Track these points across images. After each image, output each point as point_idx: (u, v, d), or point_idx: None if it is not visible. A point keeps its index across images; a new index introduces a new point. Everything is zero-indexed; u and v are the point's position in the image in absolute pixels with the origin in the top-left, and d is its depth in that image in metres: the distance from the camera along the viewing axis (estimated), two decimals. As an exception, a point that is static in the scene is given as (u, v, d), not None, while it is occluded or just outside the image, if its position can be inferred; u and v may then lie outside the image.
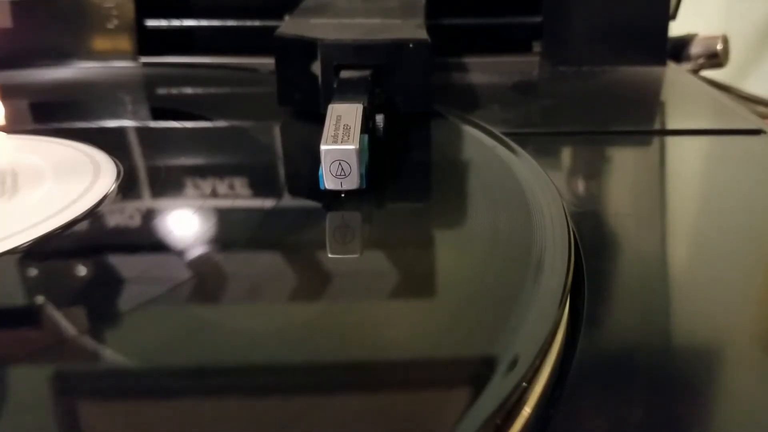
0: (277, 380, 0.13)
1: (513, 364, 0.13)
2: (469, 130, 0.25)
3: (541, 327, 0.13)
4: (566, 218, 0.18)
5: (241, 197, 0.20)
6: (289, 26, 0.28)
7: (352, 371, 0.13)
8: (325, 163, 0.19)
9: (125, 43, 0.39)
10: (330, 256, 0.17)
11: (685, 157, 0.26)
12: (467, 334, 0.14)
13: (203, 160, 0.24)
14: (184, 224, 0.19)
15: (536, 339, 0.13)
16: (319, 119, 0.21)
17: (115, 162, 0.23)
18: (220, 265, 0.17)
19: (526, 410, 0.12)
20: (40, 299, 0.16)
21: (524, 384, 0.12)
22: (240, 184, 0.21)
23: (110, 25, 0.39)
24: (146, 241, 0.18)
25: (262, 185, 0.21)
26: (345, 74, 0.25)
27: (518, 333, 0.13)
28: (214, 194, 0.20)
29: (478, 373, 0.13)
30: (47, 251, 0.17)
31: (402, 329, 0.14)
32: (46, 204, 0.20)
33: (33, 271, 0.17)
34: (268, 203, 0.20)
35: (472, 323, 0.14)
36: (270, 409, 0.12)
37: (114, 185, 0.21)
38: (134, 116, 0.30)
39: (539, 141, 0.27)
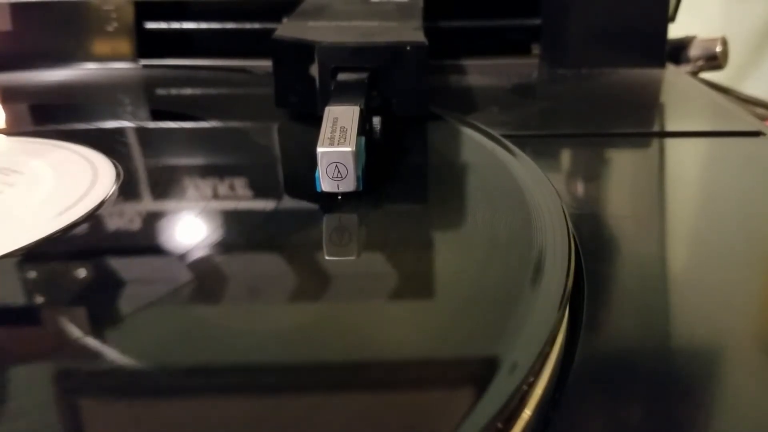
0: (276, 382, 0.13)
1: (513, 366, 0.12)
2: (468, 132, 0.25)
3: (542, 329, 0.13)
4: (566, 220, 0.18)
5: (239, 199, 0.20)
6: (286, 29, 0.28)
7: (352, 374, 0.13)
8: (322, 165, 0.19)
9: (125, 45, 0.39)
10: (327, 258, 0.17)
11: (685, 159, 0.26)
12: (467, 336, 0.14)
13: (201, 163, 0.24)
14: (183, 227, 0.19)
15: (536, 341, 0.13)
16: (317, 121, 0.21)
17: (114, 164, 0.23)
18: (218, 267, 0.17)
19: (527, 413, 0.12)
20: (40, 302, 0.15)
21: (525, 387, 0.12)
22: (238, 187, 0.21)
23: (110, 28, 0.39)
24: (145, 243, 0.18)
25: (259, 187, 0.21)
26: (342, 76, 0.25)
27: (518, 335, 0.13)
28: (212, 197, 0.20)
29: (478, 376, 0.13)
30: (47, 254, 0.17)
31: (401, 332, 0.14)
32: (46, 206, 0.19)
33: (33, 274, 0.17)
34: (265, 205, 0.20)
35: (472, 326, 0.14)
36: (268, 411, 0.12)
37: (114, 188, 0.21)
38: (134, 118, 0.30)
39: (538, 143, 0.27)
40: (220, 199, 0.20)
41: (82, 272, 0.17)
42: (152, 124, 0.29)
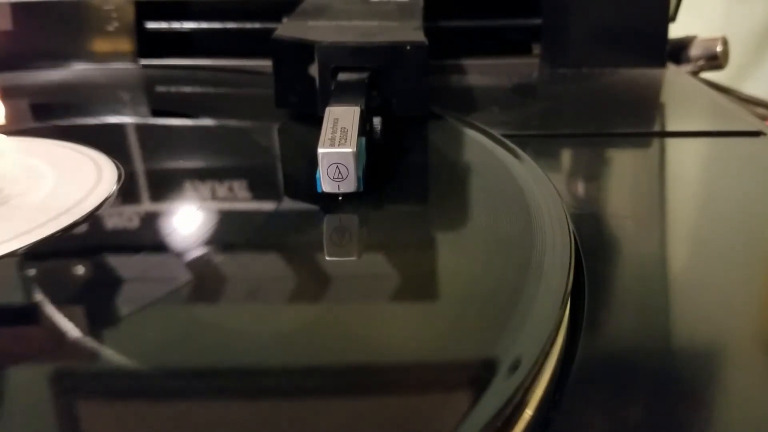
0: (275, 384, 0.13)
1: (515, 366, 0.12)
2: (469, 133, 0.25)
3: (542, 329, 0.13)
4: (567, 220, 0.18)
5: (240, 200, 0.20)
6: (286, 28, 0.28)
7: (353, 374, 0.13)
8: (323, 165, 0.19)
9: (125, 45, 0.39)
10: (327, 258, 0.17)
11: (685, 159, 0.26)
12: (468, 336, 0.14)
13: (202, 163, 0.24)
14: (184, 227, 0.19)
15: (537, 341, 0.13)
16: (317, 121, 0.21)
17: (116, 164, 0.23)
18: (218, 267, 0.17)
19: (528, 412, 0.12)
20: (40, 302, 0.15)
21: (525, 387, 0.12)
22: (238, 187, 0.21)
23: (110, 28, 0.39)
24: (146, 243, 0.18)
25: (260, 188, 0.21)
26: (342, 77, 0.25)
27: (519, 335, 0.13)
28: (213, 197, 0.20)
29: (479, 375, 0.13)
30: (49, 254, 0.17)
31: (402, 332, 0.14)
32: (48, 206, 0.19)
33: (34, 274, 0.17)
34: (266, 206, 0.20)
35: (473, 325, 0.14)
36: (266, 413, 0.12)
37: (115, 188, 0.21)
38: (134, 118, 0.30)
39: (539, 143, 0.27)
40: (221, 200, 0.20)
41: (83, 272, 0.17)
42: (153, 125, 0.29)
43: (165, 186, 0.22)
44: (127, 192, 0.21)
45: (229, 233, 0.18)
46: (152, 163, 0.24)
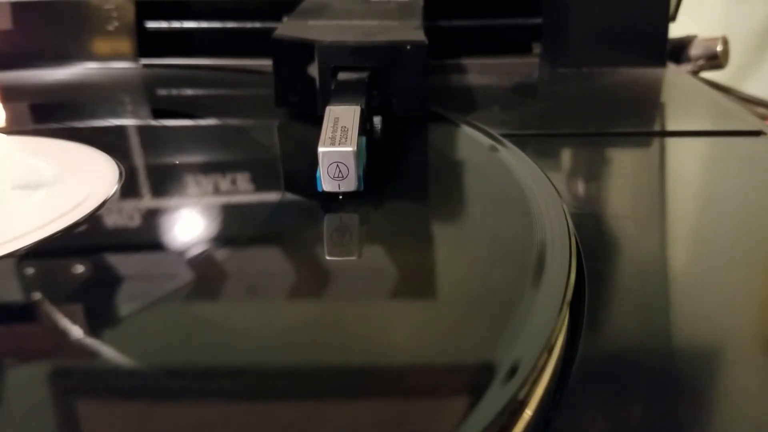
0: (272, 385, 0.13)
1: (515, 367, 0.12)
2: (469, 132, 0.25)
3: (543, 330, 0.13)
4: (566, 220, 0.18)
5: (240, 199, 0.20)
6: (286, 28, 0.28)
7: (353, 376, 0.13)
8: (323, 165, 0.19)
9: (125, 44, 0.39)
10: (328, 258, 0.17)
11: (685, 159, 0.26)
12: (469, 337, 0.14)
13: (202, 163, 0.24)
14: (183, 227, 0.19)
15: (538, 342, 0.13)
16: (317, 121, 0.21)
17: (117, 163, 0.23)
18: (217, 267, 0.17)
19: (528, 412, 0.12)
20: (41, 302, 0.15)
21: (526, 388, 0.12)
22: (238, 186, 0.21)
23: (110, 27, 0.39)
24: (146, 243, 0.18)
25: (260, 187, 0.21)
26: (342, 76, 0.25)
27: (519, 336, 0.13)
28: (213, 196, 0.20)
29: (480, 376, 0.13)
30: (49, 254, 0.17)
31: (402, 333, 0.14)
32: (49, 206, 0.19)
33: (35, 275, 0.17)
34: (266, 205, 0.20)
35: (473, 327, 0.14)
36: (263, 414, 0.12)
37: (116, 187, 0.21)
38: (135, 118, 0.30)
39: (539, 143, 0.27)
40: (221, 200, 0.20)
41: (84, 272, 0.17)
42: (153, 124, 0.29)
43: (166, 185, 0.22)
44: (128, 191, 0.21)
45: (229, 233, 0.18)
46: (153, 162, 0.24)
